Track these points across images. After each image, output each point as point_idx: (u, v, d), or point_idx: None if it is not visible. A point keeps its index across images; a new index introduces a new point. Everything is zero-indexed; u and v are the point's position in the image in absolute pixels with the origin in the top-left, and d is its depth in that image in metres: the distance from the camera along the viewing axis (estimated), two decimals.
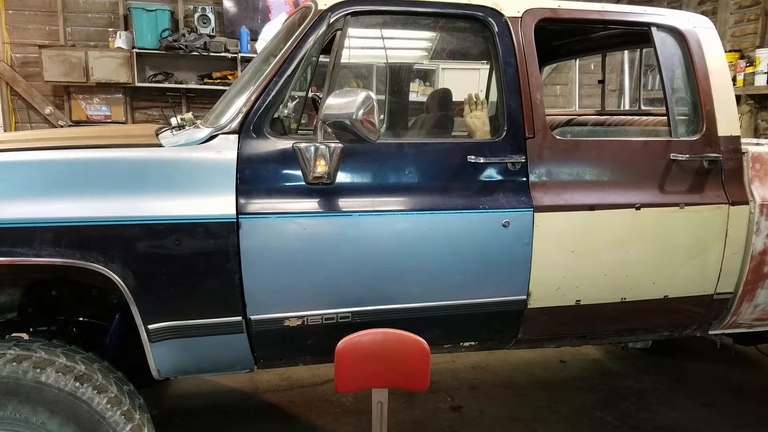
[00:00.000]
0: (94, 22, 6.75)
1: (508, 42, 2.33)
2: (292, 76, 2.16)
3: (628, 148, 2.51)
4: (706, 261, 2.55)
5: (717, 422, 3.25)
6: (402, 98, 3.69)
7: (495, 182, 2.31)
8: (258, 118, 2.13)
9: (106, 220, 1.93)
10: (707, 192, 2.53)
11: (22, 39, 6.55)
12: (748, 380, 3.76)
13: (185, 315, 2.05)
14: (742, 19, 6.14)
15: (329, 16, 2.18)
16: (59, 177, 1.98)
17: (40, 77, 6.39)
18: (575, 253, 2.39)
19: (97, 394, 1.93)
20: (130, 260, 1.96)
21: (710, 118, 2.54)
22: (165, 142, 2.22)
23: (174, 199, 2.00)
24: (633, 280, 2.48)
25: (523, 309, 2.39)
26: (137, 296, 1.97)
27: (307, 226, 2.11)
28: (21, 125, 6.68)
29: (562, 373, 3.87)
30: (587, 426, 3.18)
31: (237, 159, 2.08)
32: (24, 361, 1.89)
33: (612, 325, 2.65)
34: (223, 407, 3.34)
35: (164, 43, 6.45)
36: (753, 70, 5.66)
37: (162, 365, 2.09)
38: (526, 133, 2.33)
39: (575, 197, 2.38)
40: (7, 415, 1.87)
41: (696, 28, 2.59)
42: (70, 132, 3.74)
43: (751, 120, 5.86)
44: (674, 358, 4.11)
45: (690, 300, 2.60)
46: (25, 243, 1.88)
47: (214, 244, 2.02)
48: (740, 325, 2.77)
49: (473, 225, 2.26)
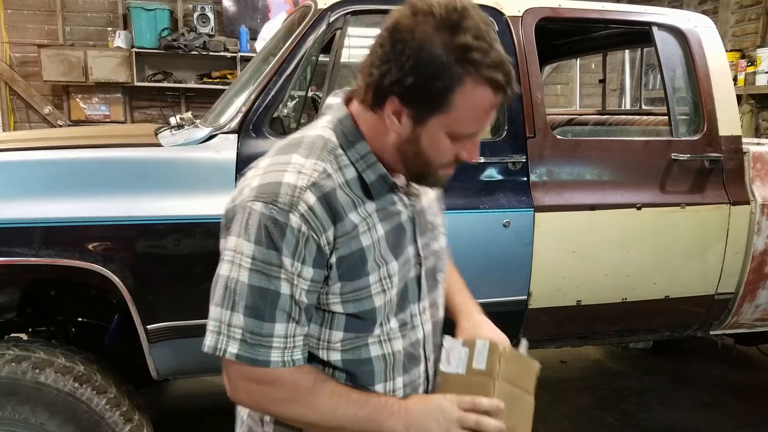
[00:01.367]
0: (93, 21, 6.73)
1: (509, 41, 2.33)
2: (291, 75, 2.15)
3: (629, 148, 2.51)
4: (707, 261, 2.54)
5: (718, 422, 3.24)
6: None
7: (495, 182, 2.30)
8: (257, 117, 2.12)
9: (105, 220, 1.93)
10: (708, 192, 2.52)
11: (20, 38, 6.54)
12: (748, 380, 3.76)
13: (184, 315, 2.04)
14: (743, 18, 6.13)
15: (329, 15, 2.18)
16: (58, 177, 1.98)
17: (39, 77, 6.37)
18: (576, 253, 2.38)
19: (96, 394, 1.93)
20: (129, 260, 1.95)
21: (711, 118, 2.53)
22: (164, 141, 2.21)
23: (173, 199, 1.99)
24: (634, 281, 2.48)
25: (524, 309, 2.39)
26: (136, 297, 1.96)
27: None
28: (20, 125, 6.67)
29: (563, 374, 3.87)
30: (587, 426, 3.18)
31: (236, 159, 2.07)
32: (23, 361, 1.88)
33: (613, 326, 2.65)
34: (223, 407, 3.32)
35: (163, 43, 6.43)
36: (754, 69, 5.64)
37: (161, 366, 2.09)
38: (527, 133, 2.32)
39: (576, 197, 2.37)
40: (7, 416, 1.87)
41: (697, 27, 2.58)
42: (68, 132, 3.74)
43: (752, 120, 5.85)
44: (675, 358, 4.10)
45: (691, 300, 2.60)
46: (23, 243, 1.87)
47: (213, 244, 2.01)
48: (741, 326, 2.77)
49: (473, 225, 2.26)
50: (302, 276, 1.05)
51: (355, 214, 1.09)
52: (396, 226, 1.16)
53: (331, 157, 1.10)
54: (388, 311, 1.15)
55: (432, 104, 1.02)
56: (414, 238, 1.20)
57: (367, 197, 1.12)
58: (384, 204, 1.14)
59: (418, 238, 1.20)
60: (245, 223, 1.08)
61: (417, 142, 1.07)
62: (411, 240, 1.19)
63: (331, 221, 1.06)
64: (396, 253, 1.15)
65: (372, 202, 1.12)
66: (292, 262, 1.04)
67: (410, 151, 1.09)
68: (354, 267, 1.10)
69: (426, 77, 1.00)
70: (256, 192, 1.07)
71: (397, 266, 1.15)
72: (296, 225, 1.03)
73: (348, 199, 1.09)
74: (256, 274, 1.06)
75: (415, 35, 1.00)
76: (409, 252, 1.19)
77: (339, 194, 1.08)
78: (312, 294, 1.08)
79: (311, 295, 1.08)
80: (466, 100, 1.01)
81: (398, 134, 1.08)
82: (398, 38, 1.03)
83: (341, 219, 1.07)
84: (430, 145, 1.07)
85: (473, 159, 1.12)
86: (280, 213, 1.04)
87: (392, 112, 1.06)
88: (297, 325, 1.08)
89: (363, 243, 1.10)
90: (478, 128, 1.08)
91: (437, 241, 1.28)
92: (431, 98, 1.02)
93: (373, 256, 1.11)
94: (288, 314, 1.06)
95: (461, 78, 0.99)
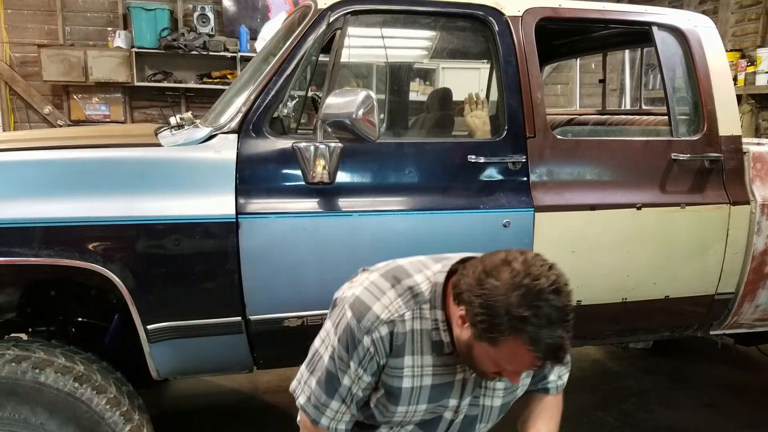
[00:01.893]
0: (93, 21, 6.73)
1: (509, 41, 2.32)
2: (291, 75, 2.15)
3: (629, 148, 2.51)
4: (707, 261, 2.54)
5: (718, 422, 3.24)
6: (402, 98, 3.68)
7: (495, 182, 2.30)
8: (257, 117, 2.12)
9: (105, 220, 1.93)
10: (708, 192, 2.52)
11: (21, 38, 6.54)
12: (748, 380, 3.76)
13: (184, 315, 2.04)
14: (743, 18, 6.13)
15: (329, 15, 2.17)
16: (58, 177, 1.98)
17: (39, 77, 6.38)
18: (576, 253, 2.38)
19: (96, 394, 1.93)
20: (129, 260, 1.95)
21: (711, 118, 2.53)
22: (164, 141, 2.21)
23: (173, 199, 1.99)
24: (634, 281, 2.48)
25: None
26: (136, 297, 1.96)
27: (306, 226, 2.11)
28: (20, 125, 6.67)
29: None
30: (587, 426, 3.17)
31: (236, 159, 2.07)
32: (23, 361, 1.88)
33: (613, 326, 2.64)
34: (222, 408, 3.33)
35: (163, 43, 6.43)
36: (754, 69, 5.64)
37: (161, 366, 2.09)
38: (527, 133, 2.32)
39: (576, 197, 2.37)
40: (6, 416, 1.87)
41: (697, 27, 2.58)
42: (68, 132, 3.73)
43: (752, 120, 5.85)
44: (675, 358, 4.10)
45: (691, 300, 2.59)
46: (23, 243, 1.87)
47: (213, 244, 2.02)
48: (741, 326, 2.77)
49: (474, 225, 2.26)
50: (361, 379, 1.43)
51: (410, 358, 1.40)
52: (446, 383, 1.44)
53: (416, 307, 1.41)
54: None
55: (485, 335, 1.27)
56: (461, 395, 1.47)
57: (431, 351, 1.41)
58: (443, 362, 1.42)
59: (465, 396, 1.48)
60: (339, 320, 1.45)
61: (470, 348, 1.33)
62: (457, 395, 1.47)
63: (389, 353, 1.40)
64: (432, 400, 1.45)
65: (431, 356, 1.41)
66: (356, 368, 1.41)
67: (464, 350, 1.35)
68: (390, 393, 1.44)
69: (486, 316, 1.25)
70: (352, 302, 1.43)
71: (426, 409, 1.46)
72: (367, 345, 1.39)
73: (411, 346, 1.40)
74: (332, 361, 1.43)
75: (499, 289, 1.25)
76: (450, 402, 1.48)
77: (407, 338, 1.39)
78: (366, 391, 1.46)
79: (365, 392, 1.46)
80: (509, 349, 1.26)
81: (457, 335, 1.36)
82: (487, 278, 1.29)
83: (397, 356, 1.40)
84: (477, 356, 1.33)
85: (513, 383, 1.42)
86: (359, 331, 1.39)
87: (459, 317, 1.33)
88: (347, 408, 1.46)
89: (403, 384, 1.42)
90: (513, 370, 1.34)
91: (490, 399, 1.53)
92: (485, 331, 1.26)
93: (409, 397, 1.44)
94: (342, 399, 1.45)
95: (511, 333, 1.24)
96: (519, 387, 1.56)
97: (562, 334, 1.23)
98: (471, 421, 1.52)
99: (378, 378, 1.44)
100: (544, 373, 1.61)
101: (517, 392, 1.57)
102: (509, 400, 1.57)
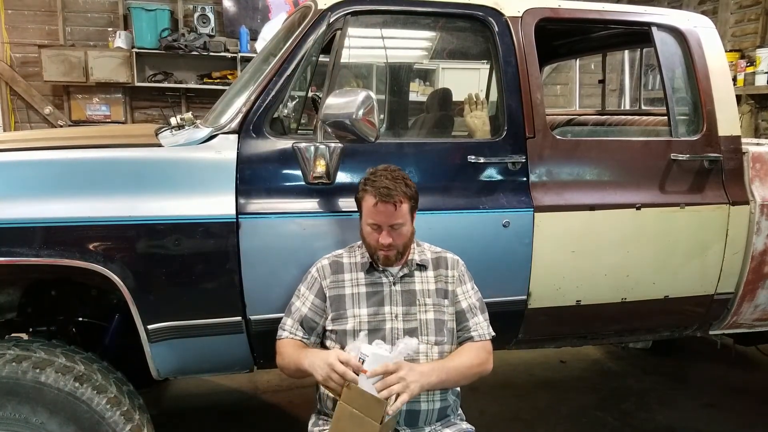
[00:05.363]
0: (93, 21, 6.73)
1: (509, 41, 2.33)
2: (291, 75, 2.15)
3: (628, 148, 2.51)
4: (706, 261, 2.54)
5: (717, 422, 3.24)
6: (402, 98, 3.68)
7: (495, 182, 2.30)
8: (258, 117, 2.12)
9: (106, 220, 1.93)
10: (708, 192, 2.52)
11: (21, 39, 6.54)
12: (748, 380, 3.76)
13: (185, 315, 2.05)
14: (742, 18, 6.14)
15: (329, 15, 2.18)
16: (58, 177, 1.98)
17: (40, 77, 6.38)
18: (576, 253, 2.38)
19: (96, 394, 1.93)
20: (130, 260, 1.95)
21: (711, 118, 2.53)
22: (164, 142, 2.21)
23: (173, 199, 2.00)
24: (633, 281, 2.48)
25: (524, 309, 2.39)
26: (137, 296, 1.96)
27: (306, 226, 2.11)
28: (20, 125, 6.67)
29: (563, 374, 3.87)
30: (588, 426, 3.18)
31: (237, 159, 2.08)
32: (24, 361, 1.88)
33: (612, 326, 2.65)
34: (222, 407, 3.33)
35: (164, 43, 6.43)
36: (753, 69, 5.65)
37: (161, 365, 2.09)
38: (527, 133, 2.33)
39: (576, 197, 2.37)
40: (7, 415, 1.87)
41: (696, 27, 2.59)
42: (69, 132, 3.74)
43: (751, 120, 5.85)
44: (675, 358, 4.11)
45: (690, 300, 2.60)
46: (24, 243, 1.87)
47: (213, 244, 2.02)
48: (741, 326, 2.77)
49: (473, 225, 2.26)
50: (307, 299, 1.99)
51: (348, 275, 1.98)
52: (378, 292, 1.96)
53: (350, 250, 2.05)
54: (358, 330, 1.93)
55: (356, 199, 1.98)
56: (392, 302, 1.95)
57: (361, 269, 1.98)
58: (373, 279, 1.98)
59: (396, 304, 1.95)
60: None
61: (360, 226, 1.97)
62: (388, 303, 1.95)
63: (331, 274, 1.98)
64: (370, 305, 1.94)
65: (363, 274, 1.98)
66: (305, 290, 2.01)
67: (361, 233, 1.98)
68: (339, 302, 1.96)
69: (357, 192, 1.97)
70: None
71: (367, 313, 1.93)
72: (313, 272, 2.01)
73: (348, 267, 1.99)
74: (295, 297, 2.03)
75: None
76: (386, 309, 1.94)
77: (344, 263, 2.00)
78: (312, 312, 1.98)
79: (311, 312, 1.98)
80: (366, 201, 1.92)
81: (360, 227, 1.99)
82: None
83: (338, 273, 1.98)
84: (362, 227, 1.96)
85: (384, 242, 1.89)
86: (312, 267, 2.03)
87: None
88: (298, 324, 1.99)
89: (345, 292, 1.96)
90: (374, 222, 1.90)
91: (424, 313, 1.96)
92: (356, 200, 1.98)
93: (352, 301, 1.95)
94: (292, 316, 2.00)
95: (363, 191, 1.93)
96: (445, 306, 1.98)
97: (387, 184, 1.86)
98: (411, 332, 1.91)
99: (323, 299, 1.96)
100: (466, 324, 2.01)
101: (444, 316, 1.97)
102: (440, 317, 1.96)
